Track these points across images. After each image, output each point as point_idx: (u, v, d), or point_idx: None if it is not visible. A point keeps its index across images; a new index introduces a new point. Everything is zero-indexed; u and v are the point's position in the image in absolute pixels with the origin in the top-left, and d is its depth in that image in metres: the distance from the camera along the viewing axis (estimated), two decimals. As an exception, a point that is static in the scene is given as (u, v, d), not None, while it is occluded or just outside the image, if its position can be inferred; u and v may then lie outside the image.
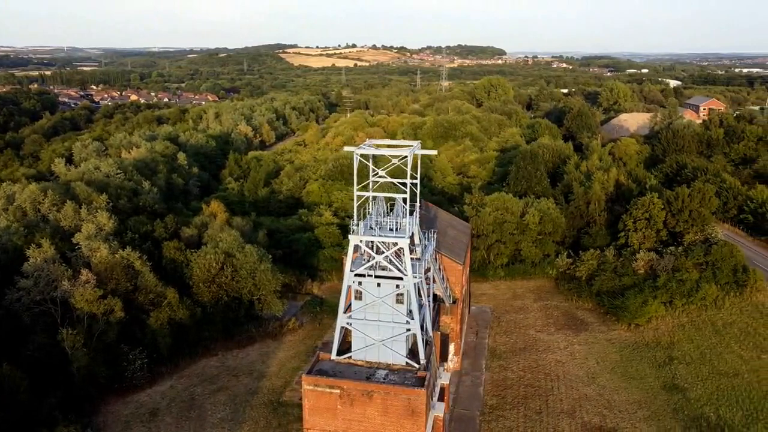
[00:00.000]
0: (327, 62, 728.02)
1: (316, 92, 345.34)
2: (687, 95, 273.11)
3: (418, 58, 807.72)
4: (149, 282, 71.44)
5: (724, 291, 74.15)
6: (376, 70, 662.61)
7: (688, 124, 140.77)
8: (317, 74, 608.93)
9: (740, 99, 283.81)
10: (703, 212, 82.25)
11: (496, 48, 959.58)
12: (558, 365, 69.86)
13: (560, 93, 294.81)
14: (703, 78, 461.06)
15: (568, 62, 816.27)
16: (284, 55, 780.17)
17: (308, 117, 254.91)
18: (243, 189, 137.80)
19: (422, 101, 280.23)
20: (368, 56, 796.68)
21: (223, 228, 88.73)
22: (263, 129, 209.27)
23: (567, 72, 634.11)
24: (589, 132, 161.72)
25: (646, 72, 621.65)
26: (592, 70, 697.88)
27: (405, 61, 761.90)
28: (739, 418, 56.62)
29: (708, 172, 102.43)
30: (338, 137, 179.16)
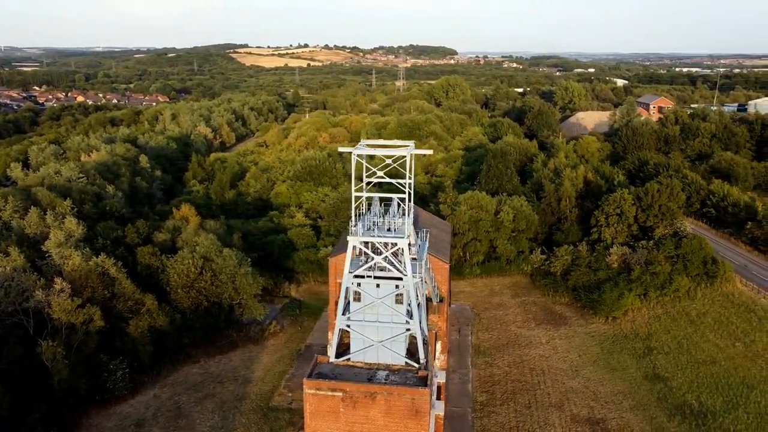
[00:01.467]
0: (279, 62, 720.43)
1: (272, 93, 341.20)
2: (636, 94, 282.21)
3: (371, 58, 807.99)
4: (127, 289, 69.27)
5: (696, 282, 76.94)
6: (330, 70, 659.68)
7: (646, 121, 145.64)
8: (270, 74, 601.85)
9: (685, 97, 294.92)
10: (671, 207, 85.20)
11: (448, 48, 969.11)
12: (542, 360, 71.15)
13: (516, 92, 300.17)
14: (647, 77, 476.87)
15: (518, 62, 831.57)
16: (235, 55, 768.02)
17: (267, 118, 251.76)
18: (209, 192, 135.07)
19: (380, 101, 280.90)
20: (321, 56, 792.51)
21: (198, 232, 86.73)
22: (223, 130, 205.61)
23: (518, 71, 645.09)
24: (549, 130, 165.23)
25: (593, 71, 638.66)
26: (541, 69, 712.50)
27: (358, 61, 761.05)
28: (720, 405, 58.87)
29: (670, 168, 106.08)
30: (301, 138, 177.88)
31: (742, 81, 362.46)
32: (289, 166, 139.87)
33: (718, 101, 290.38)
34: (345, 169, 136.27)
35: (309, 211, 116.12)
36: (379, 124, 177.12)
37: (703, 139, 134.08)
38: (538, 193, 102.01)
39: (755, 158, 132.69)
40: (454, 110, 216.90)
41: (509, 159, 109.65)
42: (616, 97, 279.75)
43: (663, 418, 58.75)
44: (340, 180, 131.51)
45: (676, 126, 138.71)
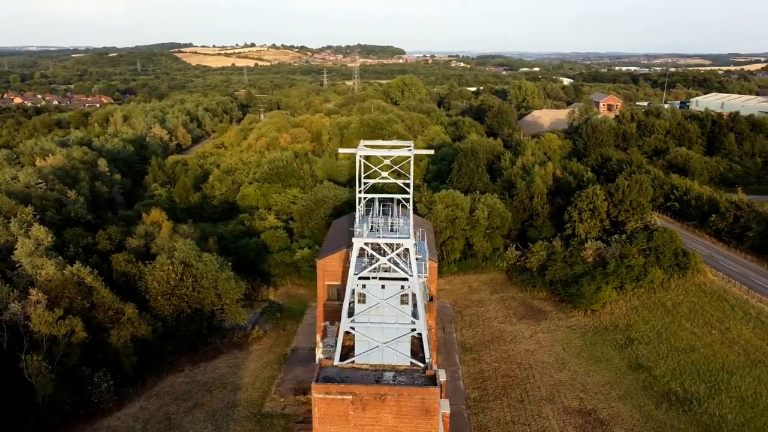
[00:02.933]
0: (226, 62, 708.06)
1: (224, 93, 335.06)
2: (585, 92, 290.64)
3: (319, 57, 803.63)
4: (106, 298, 66.76)
5: (668, 274, 79.90)
6: (279, 69, 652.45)
7: (604, 119, 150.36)
8: (217, 74, 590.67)
9: (631, 95, 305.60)
10: (642, 201, 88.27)
11: (396, 48, 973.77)
12: (528, 354, 72.47)
13: (469, 92, 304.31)
14: (591, 76, 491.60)
15: (465, 61, 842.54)
16: (180, 55, 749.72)
17: (222, 118, 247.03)
18: (172, 195, 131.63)
19: (336, 101, 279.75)
20: (269, 55, 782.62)
21: (173, 237, 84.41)
22: (179, 131, 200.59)
23: (466, 71, 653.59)
24: (510, 129, 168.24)
25: (538, 70, 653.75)
26: (488, 68, 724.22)
27: (307, 61, 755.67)
28: (703, 390, 61.36)
29: (632, 164, 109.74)
30: (262, 139, 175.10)
31: (681, 79, 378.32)
32: (253, 167, 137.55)
33: (660, 99, 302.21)
34: (311, 170, 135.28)
35: (279, 213, 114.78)
36: (341, 124, 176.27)
37: (659, 135, 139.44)
38: (510, 191, 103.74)
39: (706, 153, 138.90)
40: (412, 109, 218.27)
41: (479, 158, 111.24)
42: (566, 96, 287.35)
43: (651, 406, 60.79)
44: (308, 181, 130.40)
45: (632, 123, 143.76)
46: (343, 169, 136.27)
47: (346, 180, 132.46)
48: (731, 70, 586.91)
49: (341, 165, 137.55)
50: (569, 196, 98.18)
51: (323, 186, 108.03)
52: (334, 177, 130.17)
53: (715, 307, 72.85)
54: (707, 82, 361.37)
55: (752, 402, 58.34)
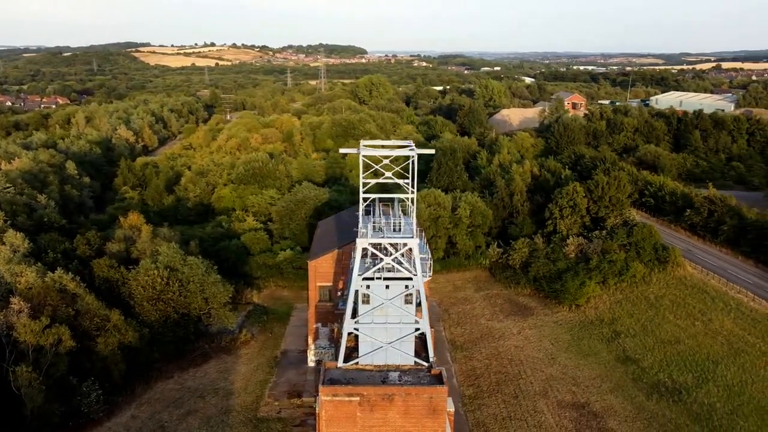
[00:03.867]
0: (186, 61, 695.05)
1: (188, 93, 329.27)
2: (549, 91, 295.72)
3: (281, 57, 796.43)
4: (92, 305, 64.83)
5: (649, 268, 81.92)
6: (240, 69, 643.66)
7: (574, 117, 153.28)
8: (177, 74, 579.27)
9: (593, 94, 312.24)
10: (620, 197, 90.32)
11: (358, 47, 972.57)
12: (518, 350, 73.32)
13: (435, 91, 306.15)
14: (552, 75, 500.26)
15: (427, 61, 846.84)
16: (138, 54, 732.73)
17: (188, 119, 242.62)
18: (144, 198, 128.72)
19: (304, 101, 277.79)
20: (229, 55, 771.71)
21: (154, 241, 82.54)
22: (145, 133, 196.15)
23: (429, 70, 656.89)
24: (481, 127, 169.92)
25: (499, 69, 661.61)
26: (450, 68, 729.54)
27: (268, 60, 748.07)
28: (691, 380, 63.12)
29: (606, 161, 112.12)
30: (232, 139, 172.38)
31: (640, 78, 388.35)
32: (227, 168, 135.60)
33: (621, 98, 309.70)
34: (287, 170, 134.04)
35: (257, 215, 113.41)
36: (313, 124, 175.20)
37: (627, 133, 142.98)
38: (490, 189, 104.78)
39: (673, 150, 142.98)
40: (381, 109, 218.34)
41: (458, 156, 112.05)
42: (531, 95, 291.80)
43: (642, 398, 62.23)
44: (284, 182, 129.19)
45: (602, 121, 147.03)
46: (319, 169, 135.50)
47: (323, 180, 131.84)
48: (684, 69, 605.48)
49: (317, 165, 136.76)
50: (548, 194, 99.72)
51: (303, 187, 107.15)
52: (311, 177, 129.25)
53: (696, 299, 75.03)
54: (664, 81, 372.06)
55: (739, 390, 60.27)
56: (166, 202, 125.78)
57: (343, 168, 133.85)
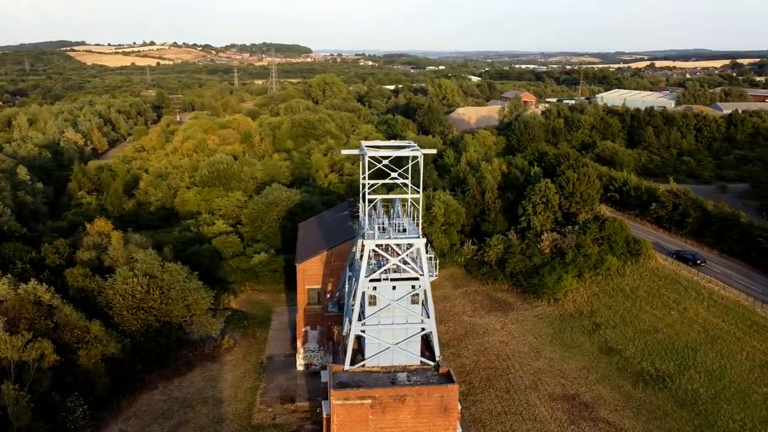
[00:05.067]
0: (125, 61, 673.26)
1: (135, 93, 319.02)
2: (500, 89, 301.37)
3: (225, 56, 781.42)
4: (71, 317, 62.01)
5: (622, 261, 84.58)
6: (183, 68, 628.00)
7: (534, 115, 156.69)
8: (116, 74, 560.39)
9: (540, 92, 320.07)
10: (591, 193, 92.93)
11: (302, 46, 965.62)
12: (503, 345, 74.43)
13: (388, 90, 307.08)
14: (497, 74, 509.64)
15: (372, 60, 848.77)
16: (73, 54, 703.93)
17: (137, 120, 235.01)
18: (102, 203, 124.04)
19: (256, 101, 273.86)
20: (170, 54, 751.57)
21: (126, 247, 79.66)
22: (94, 135, 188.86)
23: (375, 69, 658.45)
24: (441, 126, 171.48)
25: (444, 68, 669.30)
26: (397, 67, 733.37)
27: (212, 60, 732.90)
28: (673, 368, 65.59)
29: (570, 158, 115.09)
30: (188, 141, 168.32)
31: (583, 77, 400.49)
32: (189, 171, 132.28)
33: (567, 95, 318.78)
34: (252, 172, 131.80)
35: (224, 218, 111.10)
36: (273, 124, 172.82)
37: (584, 130, 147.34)
38: (462, 187, 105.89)
39: (628, 146, 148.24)
40: (337, 108, 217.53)
41: (427, 155, 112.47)
42: (482, 93, 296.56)
43: (628, 386, 64.25)
44: (250, 184, 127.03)
45: (560, 119, 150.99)
46: (285, 170, 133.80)
47: (289, 182, 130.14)
48: (622, 68, 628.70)
49: (282, 166, 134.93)
50: (518, 191, 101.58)
51: (273, 188, 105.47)
52: (277, 179, 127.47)
53: (670, 289, 77.97)
54: (606, 79, 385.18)
55: (719, 375, 63.02)
56: (126, 207, 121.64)
57: (310, 168, 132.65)
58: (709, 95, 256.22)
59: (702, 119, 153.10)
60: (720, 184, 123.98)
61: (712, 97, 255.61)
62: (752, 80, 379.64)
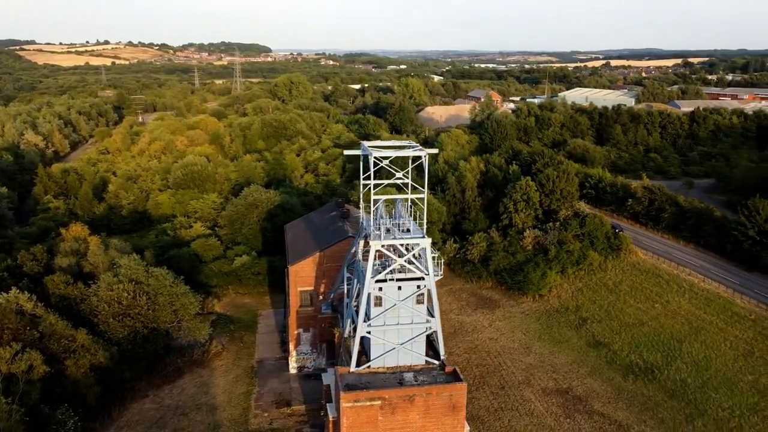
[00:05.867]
0: (78, 60, 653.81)
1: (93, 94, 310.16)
2: (465, 89, 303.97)
3: (183, 56, 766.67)
4: (56, 326, 59.91)
5: (603, 256, 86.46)
6: (139, 68, 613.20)
7: (505, 114, 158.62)
8: (70, 74, 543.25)
9: (504, 91, 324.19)
10: (570, 190, 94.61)
11: (262, 45, 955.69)
12: (492, 342, 75.20)
13: (354, 89, 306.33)
14: (460, 73, 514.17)
15: (333, 59, 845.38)
16: (23, 53, 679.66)
17: (98, 122, 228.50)
18: (71, 207, 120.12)
19: (221, 101, 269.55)
20: (126, 54, 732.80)
21: (107, 253, 77.41)
22: (55, 137, 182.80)
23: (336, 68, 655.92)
24: (412, 125, 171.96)
25: (405, 68, 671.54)
26: (358, 66, 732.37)
27: (169, 59, 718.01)
28: (660, 359, 67.36)
29: (545, 156, 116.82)
30: (156, 142, 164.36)
31: (545, 75, 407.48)
32: (160, 173, 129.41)
33: (529, 94, 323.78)
34: (226, 173, 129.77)
35: (201, 220, 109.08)
36: (243, 124, 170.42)
37: (555, 128, 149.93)
38: (441, 186, 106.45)
39: (596, 143, 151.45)
40: (305, 108, 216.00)
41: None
42: (447, 92, 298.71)
43: (619, 379, 65.74)
44: (225, 186, 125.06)
45: (531, 117, 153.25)
46: (260, 171, 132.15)
47: (264, 183, 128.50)
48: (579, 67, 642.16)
49: (257, 167, 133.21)
50: (498, 189, 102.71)
51: (253, 189, 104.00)
52: (252, 180, 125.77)
53: (652, 283, 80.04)
54: (567, 78, 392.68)
55: (705, 365, 65.02)
56: (97, 211, 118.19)
57: (285, 169, 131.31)
58: (667, 93, 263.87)
59: (666, 117, 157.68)
60: (687, 180, 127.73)
61: (670, 95, 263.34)
62: (705, 78, 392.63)
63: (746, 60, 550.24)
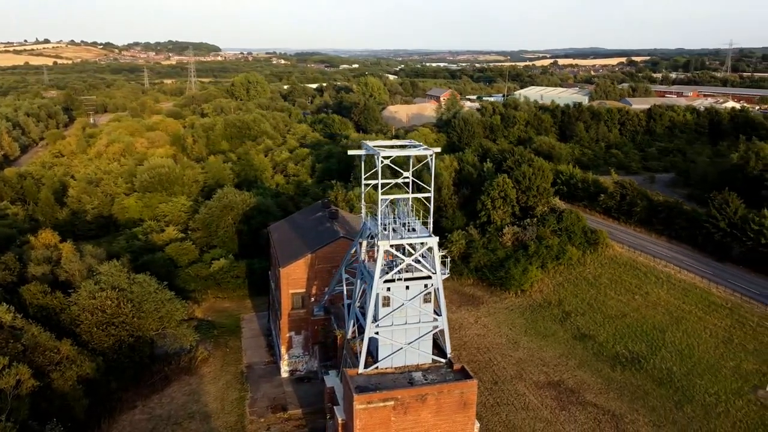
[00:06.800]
0: (17, 60, 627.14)
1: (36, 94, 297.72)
2: (423, 87, 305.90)
3: (129, 55, 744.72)
4: (41, 338, 57.32)
5: (581, 250, 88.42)
6: (83, 68, 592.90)
7: (472, 113, 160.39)
8: (9, 74, 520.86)
9: (460, 89, 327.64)
10: (546, 187, 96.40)
11: (211, 44, 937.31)
12: (480, 338, 75.91)
13: (311, 89, 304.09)
14: (413, 72, 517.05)
15: (284, 58, 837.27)
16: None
17: (47, 124, 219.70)
18: (31, 213, 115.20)
19: (176, 102, 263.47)
20: (68, 53, 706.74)
21: (83, 260, 74.60)
22: (3, 140, 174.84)
23: (288, 68, 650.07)
24: (377, 124, 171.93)
25: (357, 67, 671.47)
26: (310, 65, 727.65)
27: (115, 59, 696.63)
28: (645, 349, 69.37)
29: (515, 153, 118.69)
30: (114, 144, 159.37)
31: (498, 74, 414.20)
32: (124, 176, 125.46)
33: (485, 92, 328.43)
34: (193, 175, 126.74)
35: (171, 224, 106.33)
36: (206, 125, 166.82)
37: (520, 126, 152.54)
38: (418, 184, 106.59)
39: (560, 140, 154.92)
40: (265, 107, 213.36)
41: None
42: (405, 91, 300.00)
43: (607, 370, 67.37)
44: (193, 188, 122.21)
45: (496, 115, 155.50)
46: (229, 172, 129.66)
47: (233, 184, 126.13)
48: (529, 65, 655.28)
49: (225, 168, 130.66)
50: (473, 187, 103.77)
51: (227, 191, 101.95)
52: (221, 181, 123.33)
53: (630, 275, 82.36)
54: (519, 77, 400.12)
55: (688, 353, 67.31)
56: (60, 217, 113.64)
57: (256, 170, 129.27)
58: (618, 91, 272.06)
59: (625, 114, 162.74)
60: (649, 175, 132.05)
61: (621, 93, 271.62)
62: (651, 77, 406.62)
63: (687, 59, 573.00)
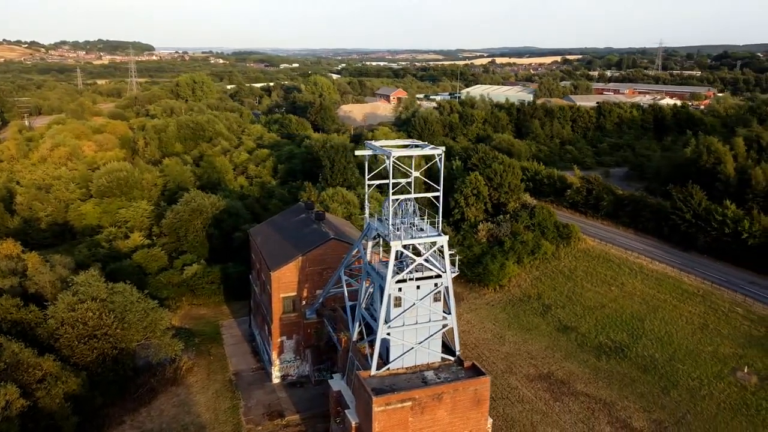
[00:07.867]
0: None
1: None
2: (371, 87, 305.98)
3: (57, 54, 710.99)
4: (23, 354, 54.07)
5: (555, 245, 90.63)
6: (7, 68, 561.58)
7: (431, 111, 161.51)
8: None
9: (407, 88, 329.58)
10: (516, 183, 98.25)
11: (144, 43, 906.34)
12: (466, 335, 76.59)
13: (258, 89, 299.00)
14: (357, 71, 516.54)
15: (222, 58, 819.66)
16: None
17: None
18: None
19: (118, 103, 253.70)
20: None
21: (54, 270, 70.83)
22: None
23: (228, 67, 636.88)
24: (334, 124, 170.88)
25: (298, 66, 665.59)
26: (249, 65, 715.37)
27: (42, 58, 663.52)
28: (626, 338, 71.81)
29: (479, 152, 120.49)
30: (60, 148, 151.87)
31: (442, 73, 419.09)
32: (78, 181, 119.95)
33: (431, 91, 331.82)
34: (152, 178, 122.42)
35: (135, 230, 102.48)
36: (158, 127, 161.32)
37: (478, 124, 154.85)
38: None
39: (516, 137, 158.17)
40: (215, 108, 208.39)
41: (350, 154, 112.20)
42: (354, 90, 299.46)
43: (593, 360, 69.34)
44: (153, 192, 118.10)
45: (454, 114, 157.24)
46: (190, 175, 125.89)
47: (195, 187, 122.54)
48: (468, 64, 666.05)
49: (186, 171, 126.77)
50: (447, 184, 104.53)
51: (194, 194, 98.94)
52: (183, 184, 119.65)
53: (605, 267, 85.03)
54: (463, 75, 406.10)
55: (668, 340, 70.11)
56: (11, 225, 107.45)
57: (219, 173, 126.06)
58: (561, 89, 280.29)
59: (576, 111, 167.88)
60: (603, 170, 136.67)
61: (564, 91, 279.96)
62: (587, 75, 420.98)
63: (619, 57, 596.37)
